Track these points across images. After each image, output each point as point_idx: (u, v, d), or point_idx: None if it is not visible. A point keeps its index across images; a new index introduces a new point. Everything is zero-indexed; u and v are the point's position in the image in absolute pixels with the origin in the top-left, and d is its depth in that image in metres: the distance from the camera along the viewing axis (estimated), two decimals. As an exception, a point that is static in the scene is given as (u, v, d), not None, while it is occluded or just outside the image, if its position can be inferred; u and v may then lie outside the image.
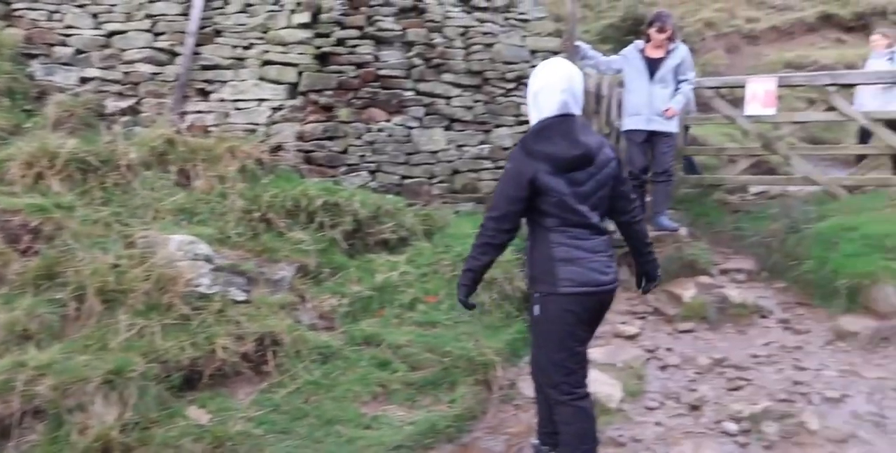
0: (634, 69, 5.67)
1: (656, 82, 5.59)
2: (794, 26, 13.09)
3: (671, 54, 5.61)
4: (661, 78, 5.59)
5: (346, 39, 5.20)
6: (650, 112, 5.59)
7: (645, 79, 5.61)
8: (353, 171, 5.16)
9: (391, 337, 4.12)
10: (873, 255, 4.90)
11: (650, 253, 3.02)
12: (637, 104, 5.66)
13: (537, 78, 2.82)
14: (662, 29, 5.54)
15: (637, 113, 5.67)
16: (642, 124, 5.64)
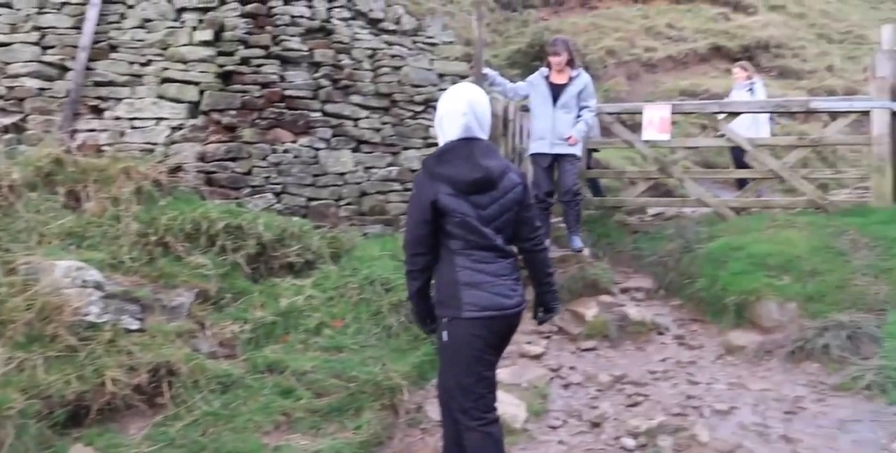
0: (540, 95, 5.83)
1: (559, 108, 5.75)
2: (689, 56, 13.92)
3: (573, 81, 5.78)
4: (563, 104, 5.75)
5: (251, 58, 5.12)
6: (553, 136, 5.73)
7: (549, 104, 5.77)
8: (257, 193, 5.05)
9: (296, 363, 4.02)
10: (757, 273, 5.23)
11: (549, 283, 3.04)
12: (542, 129, 5.82)
13: (443, 102, 2.87)
14: (556, 53, 5.72)
15: (542, 137, 5.84)
16: (546, 148, 5.81)
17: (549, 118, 5.76)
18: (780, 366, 4.46)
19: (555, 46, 5.78)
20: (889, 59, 6.35)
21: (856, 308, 4.80)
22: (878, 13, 17.91)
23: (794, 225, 5.86)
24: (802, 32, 15.59)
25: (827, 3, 18.05)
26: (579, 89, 5.78)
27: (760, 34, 14.50)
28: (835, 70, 13.84)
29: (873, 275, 5.03)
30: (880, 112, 6.26)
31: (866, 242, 5.42)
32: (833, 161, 10.54)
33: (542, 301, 3.05)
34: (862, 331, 4.41)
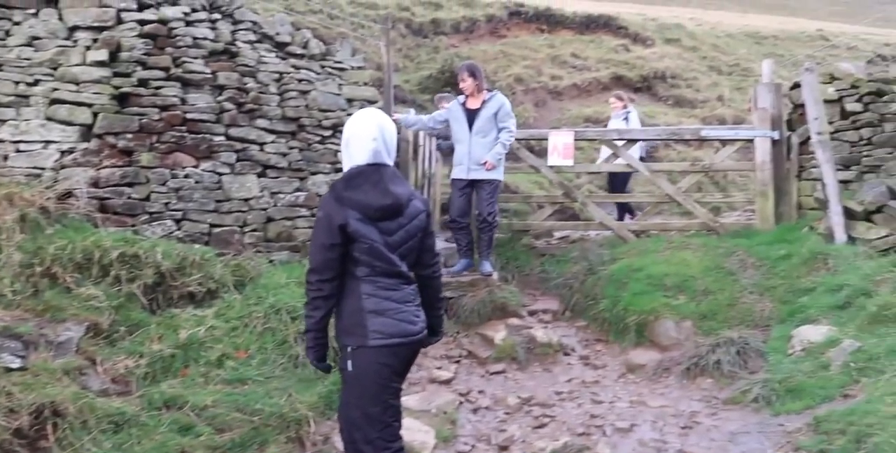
0: (457, 121, 5.83)
1: (475, 133, 5.73)
2: (592, 85, 14.57)
3: (486, 104, 5.74)
4: (479, 129, 5.72)
5: (150, 80, 4.94)
6: (470, 162, 5.71)
7: (466, 130, 5.76)
8: (155, 220, 4.85)
9: (195, 398, 3.84)
10: (656, 293, 5.47)
11: (440, 308, 3.09)
12: (460, 154, 5.82)
13: (351, 126, 2.84)
14: (463, 79, 5.75)
15: (460, 163, 5.81)
16: (463, 174, 5.77)
17: (467, 143, 5.76)
18: (677, 383, 4.66)
19: (462, 72, 5.80)
20: (769, 92, 6.88)
21: (744, 324, 5.11)
22: (762, 48, 19.42)
23: (688, 246, 6.19)
24: (695, 64, 16.67)
25: (717, 38, 19.41)
26: (494, 111, 5.73)
27: (657, 65, 15.39)
28: (725, 100, 14.85)
29: (759, 293, 5.38)
30: (762, 140, 6.75)
31: (753, 262, 5.79)
32: (724, 185, 11.23)
33: (430, 325, 3.02)
34: (750, 347, 4.69)
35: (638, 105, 14.37)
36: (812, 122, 6.16)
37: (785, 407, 3.94)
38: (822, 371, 4.12)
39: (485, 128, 5.73)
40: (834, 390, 3.88)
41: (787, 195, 6.73)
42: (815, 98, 6.20)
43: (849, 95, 6.57)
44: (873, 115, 6.46)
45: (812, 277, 5.30)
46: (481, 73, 5.85)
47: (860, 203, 5.59)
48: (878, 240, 5.29)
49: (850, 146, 6.54)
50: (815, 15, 33.06)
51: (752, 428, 3.85)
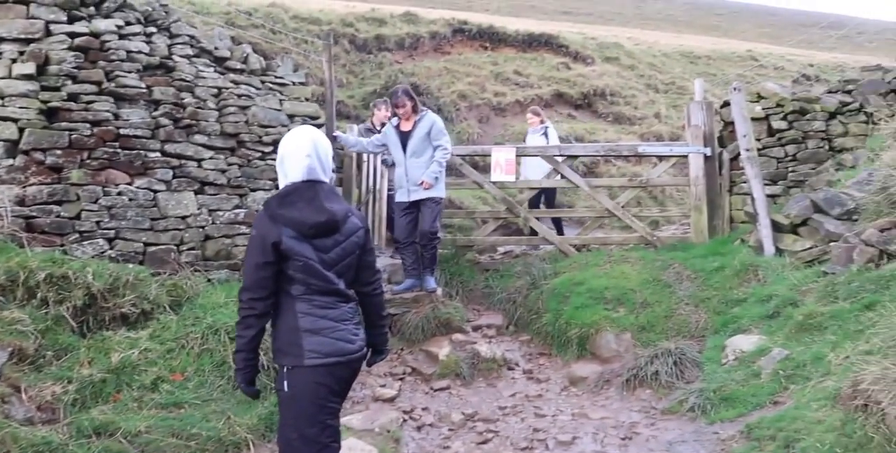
0: (392, 144, 5.88)
1: (410, 155, 5.77)
2: (534, 101, 14.79)
3: (417, 125, 5.78)
4: (413, 150, 5.76)
5: (81, 94, 4.80)
6: (409, 184, 5.77)
7: (401, 152, 5.81)
8: (86, 239, 4.69)
9: (128, 424, 3.72)
10: (597, 307, 5.58)
11: (383, 326, 3.08)
12: (399, 177, 5.87)
13: (284, 143, 2.81)
14: (400, 104, 5.73)
15: (400, 186, 5.87)
16: (405, 197, 5.81)
17: (403, 166, 5.80)
18: (617, 394, 4.75)
19: (396, 98, 5.77)
20: (701, 110, 7.14)
21: (681, 335, 5.25)
22: (696, 67, 20.16)
23: (627, 260, 6.33)
24: (633, 82, 17.17)
25: (654, 57, 20.06)
26: (426, 131, 5.77)
27: (597, 83, 15.79)
28: (661, 117, 15.33)
29: (694, 305, 5.54)
30: (696, 156, 6.99)
31: (688, 274, 5.97)
32: (662, 200, 11.56)
33: (373, 343, 3.02)
34: (686, 357, 4.82)
35: (579, 121, 14.75)
36: (741, 139, 6.42)
37: (719, 415, 4.05)
38: (753, 379, 4.26)
39: (419, 149, 5.77)
40: (764, 397, 4.01)
41: (720, 209, 6.98)
42: (744, 116, 6.47)
43: (775, 113, 6.89)
44: (797, 133, 6.80)
45: (744, 288, 5.49)
46: (412, 95, 5.87)
47: (787, 216, 5.83)
48: (804, 252, 5.53)
49: (776, 162, 6.85)
50: (745, 36, 34.66)
51: (689, 437, 3.94)
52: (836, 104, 6.82)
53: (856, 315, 4.15)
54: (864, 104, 6.77)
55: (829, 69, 20.42)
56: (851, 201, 5.36)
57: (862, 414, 3.17)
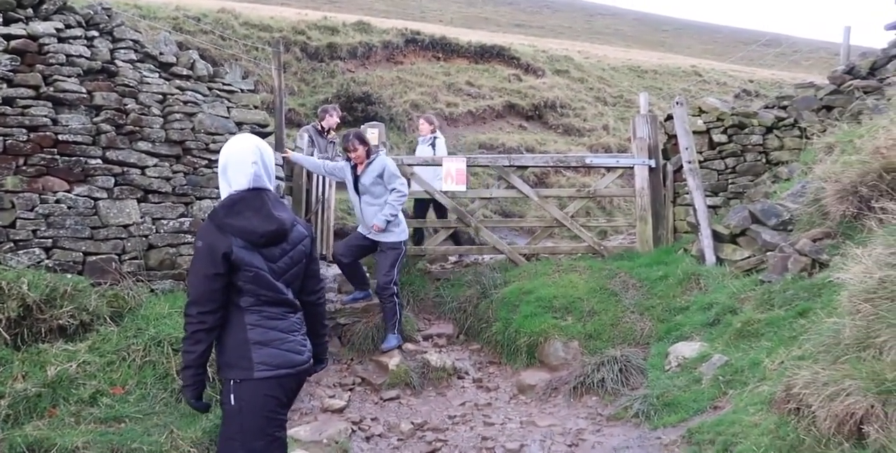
0: (348, 182, 5.72)
1: (363, 195, 5.62)
2: (486, 112, 15.01)
3: (368, 168, 5.56)
4: (364, 192, 5.60)
5: (17, 98, 4.65)
6: (362, 226, 5.70)
7: (354, 193, 5.68)
8: (21, 248, 4.52)
9: (64, 439, 3.59)
10: (545, 315, 5.65)
11: (324, 335, 3.05)
12: (357, 214, 5.81)
13: (228, 151, 2.73)
14: (346, 149, 5.58)
15: (360, 222, 5.79)
16: (364, 232, 5.69)
17: (358, 207, 5.71)
18: (565, 402, 4.81)
19: (347, 141, 5.57)
20: (646, 123, 7.34)
21: (626, 343, 5.36)
22: (643, 81, 20.72)
23: (576, 269, 6.44)
24: (583, 95, 17.54)
25: (602, 70, 20.53)
26: (376, 174, 5.53)
27: (548, 94, 16.09)
28: (610, 129, 15.69)
29: (640, 313, 5.67)
30: (641, 168, 7.18)
31: (634, 283, 6.10)
32: (610, 210, 11.81)
33: (316, 353, 2.96)
34: (631, 364, 4.92)
35: (529, 132, 14.98)
36: (683, 152, 6.62)
37: (662, 420, 4.15)
38: (695, 385, 4.37)
39: (372, 192, 5.58)
40: (705, 402, 4.13)
41: (664, 219, 7.17)
42: (686, 129, 6.68)
43: (715, 127, 7.15)
44: (737, 146, 7.06)
45: (686, 296, 5.65)
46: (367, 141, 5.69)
47: (727, 227, 6.04)
48: (743, 261, 5.72)
49: (717, 174, 7.09)
50: (690, 52, 35.83)
51: (633, 443, 4.02)
52: (772, 119, 7.12)
53: (790, 322, 4.32)
54: (798, 119, 7.09)
55: (768, 85, 21.27)
56: (787, 212, 5.59)
57: (795, 417, 3.30)
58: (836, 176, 4.81)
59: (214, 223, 2.64)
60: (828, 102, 7.10)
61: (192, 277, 2.65)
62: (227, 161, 2.72)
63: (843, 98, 7.03)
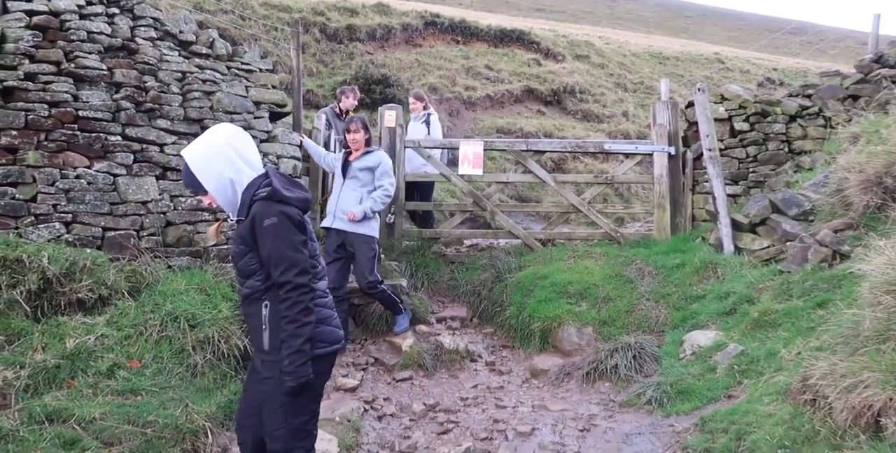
0: (337, 170, 5.52)
1: (348, 179, 5.37)
2: (505, 97, 14.87)
3: (364, 157, 5.37)
4: (352, 175, 5.36)
5: (38, 74, 4.66)
6: (337, 209, 5.31)
7: (340, 178, 5.45)
8: (42, 222, 4.56)
9: (82, 410, 3.64)
10: (560, 301, 5.64)
11: None
12: (330, 203, 5.44)
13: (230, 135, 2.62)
14: (349, 130, 5.38)
15: (329, 210, 5.43)
16: (329, 222, 5.33)
17: (337, 192, 5.40)
18: (577, 387, 4.81)
19: (351, 123, 5.41)
20: (666, 109, 7.25)
21: (641, 330, 5.34)
22: (664, 68, 20.44)
23: (591, 255, 6.42)
24: (603, 81, 17.33)
25: (623, 56, 20.27)
26: (369, 165, 5.34)
27: (567, 80, 15.90)
28: (629, 115, 15.51)
29: (655, 300, 5.64)
30: (660, 155, 7.10)
31: (650, 271, 6.07)
32: (628, 197, 11.72)
33: None
34: (645, 351, 4.90)
35: (548, 118, 14.84)
36: (704, 139, 6.54)
37: (675, 408, 4.14)
38: (709, 373, 4.36)
39: (359, 177, 5.36)
40: (719, 391, 4.11)
41: (683, 207, 7.10)
42: (707, 116, 6.59)
43: (737, 115, 7.04)
44: (758, 134, 6.95)
45: (703, 285, 5.61)
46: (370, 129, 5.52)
47: (746, 216, 5.97)
48: (762, 251, 5.67)
49: (738, 162, 7.00)
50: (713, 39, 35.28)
51: (645, 430, 4.02)
52: (796, 108, 6.99)
53: (808, 312, 4.28)
54: (823, 108, 6.95)
55: (793, 74, 20.90)
56: (808, 202, 5.51)
57: (810, 408, 3.27)
58: (861, 166, 4.73)
59: (276, 197, 2.57)
60: (854, 91, 6.96)
61: (285, 251, 2.53)
62: (237, 144, 2.62)
63: (869, 87, 6.89)
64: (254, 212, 2.56)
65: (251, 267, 2.61)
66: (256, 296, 2.64)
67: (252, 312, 2.67)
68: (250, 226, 2.56)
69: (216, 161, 2.57)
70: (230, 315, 4.52)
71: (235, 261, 2.68)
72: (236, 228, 2.66)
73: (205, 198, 2.67)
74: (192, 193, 2.65)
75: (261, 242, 2.55)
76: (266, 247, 2.54)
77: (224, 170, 2.57)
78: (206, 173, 2.57)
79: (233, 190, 2.60)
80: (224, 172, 2.57)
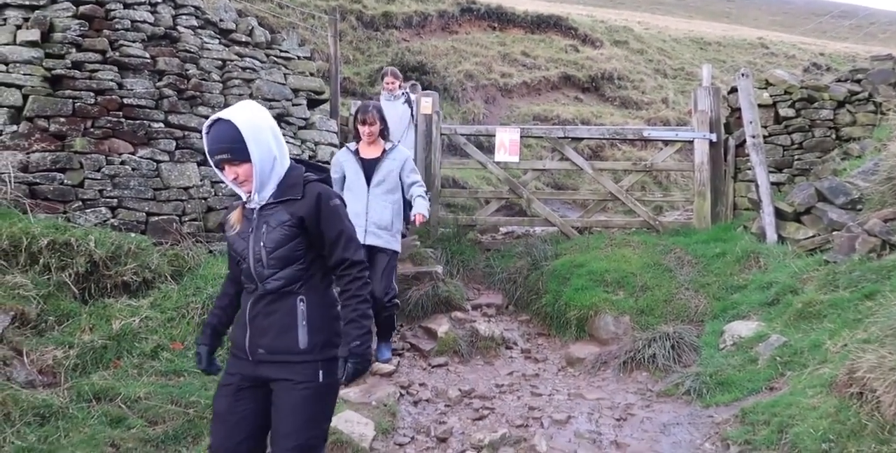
0: (352, 172, 4.66)
1: (375, 186, 4.61)
2: (541, 83, 14.72)
3: (388, 155, 4.66)
4: (379, 182, 4.62)
5: (85, 63, 4.77)
6: (369, 223, 4.57)
7: (363, 183, 4.62)
8: (89, 207, 4.68)
9: (128, 389, 3.75)
10: (596, 289, 5.58)
11: None
12: (354, 213, 4.34)
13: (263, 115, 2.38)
14: (364, 121, 4.58)
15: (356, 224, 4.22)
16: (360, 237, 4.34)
17: (363, 200, 4.58)
18: (614, 376, 4.77)
19: (366, 113, 4.59)
20: (708, 95, 7.09)
21: (679, 320, 5.26)
22: (706, 53, 19.97)
23: (629, 243, 6.33)
24: (642, 67, 17.02)
25: (663, 42, 19.87)
26: (399, 165, 4.69)
27: (605, 66, 15.66)
28: (669, 102, 15.22)
29: (694, 290, 5.54)
30: (701, 142, 6.95)
31: (689, 260, 5.97)
32: (667, 185, 11.53)
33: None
34: (684, 341, 4.83)
35: (585, 105, 14.65)
36: (747, 126, 6.38)
37: (715, 399, 4.07)
38: (750, 364, 4.28)
39: (388, 183, 4.64)
40: (760, 383, 4.03)
41: (724, 195, 6.96)
42: (751, 102, 6.42)
43: (782, 101, 6.84)
44: (804, 121, 6.75)
45: (744, 275, 5.50)
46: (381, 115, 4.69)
47: (790, 204, 5.82)
48: (806, 240, 5.52)
49: (782, 150, 6.82)
50: (757, 23, 34.32)
51: (684, 420, 3.97)
52: (844, 93, 6.77)
53: (855, 304, 4.16)
54: (873, 94, 6.72)
55: (840, 59, 20.23)
56: (856, 191, 5.35)
57: (857, 401, 3.19)
58: (914, 153, 4.57)
59: (329, 183, 2.48)
60: (907, 76, 6.70)
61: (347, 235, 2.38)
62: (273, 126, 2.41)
63: (924, 71, 6.63)
64: (316, 191, 2.36)
65: (297, 253, 2.34)
66: (290, 290, 2.34)
67: (278, 309, 2.35)
68: (314, 205, 2.33)
69: (265, 133, 2.33)
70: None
71: (272, 249, 2.33)
72: (274, 211, 2.34)
73: (236, 168, 2.30)
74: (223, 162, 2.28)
75: (328, 223, 2.35)
76: (336, 227, 2.35)
77: (272, 144, 2.35)
78: (257, 140, 2.29)
79: (272, 167, 2.34)
80: (273, 147, 2.35)
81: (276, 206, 2.35)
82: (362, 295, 2.36)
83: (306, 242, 2.35)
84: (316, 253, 2.39)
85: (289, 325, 2.34)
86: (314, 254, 2.38)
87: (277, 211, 2.35)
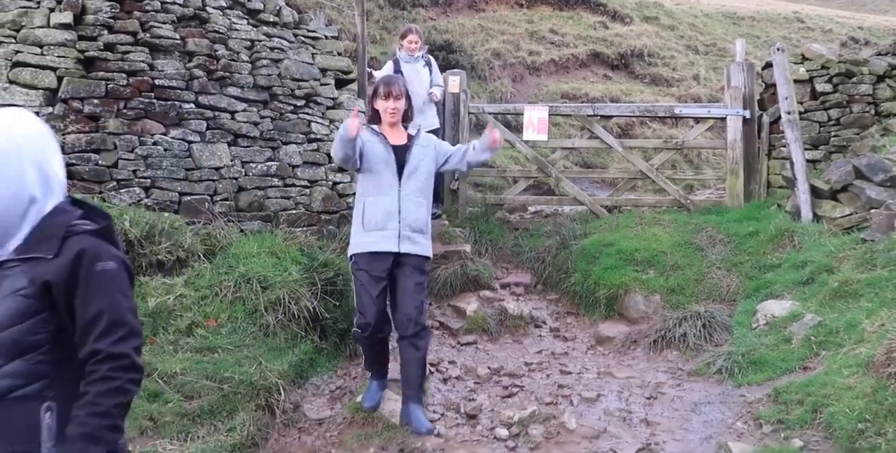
0: (378, 158, 3.67)
1: (407, 178, 3.67)
2: (570, 61, 14.50)
3: (415, 141, 3.77)
4: (410, 173, 3.68)
5: (117, 44, 4.81)
6: (402, 225, 3.63)
7: (394, 175, 3.66)
8: (123, 187, 4.76)
9: (164, 365, 3.84)
10: (626, 268, 5.54)
11: None
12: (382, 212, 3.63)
13: (46, 135, 1.73)
14: (389, 94, 3.68)
15: (381, 227, 3.61)
16: (390, 244, 3.58)
17: (395, 195, 3.64)
18: (644, 355, 4.75)
19: (391, 86, 3.72)
20: (742, 71, 6.92)
21: (711, 299, 5.21)
22: (739, 29, 19.46)
23: (659, 222, 6.26)
24: (673, 43, 16.65)
25: (694, 17, 19.40)
26: (431, 154, 3.80)
27: (635, 43, 15.36)
28: (700, 79, 14.88)
29: (726, 269, 5.48)
30: (734, 119, 6.81)
31: (721, 238, 5.88)
32: (698, 163, 11.34)
33: None
34: (715, 320, 4.79)
35: (615, 82, 14.42)
36: (782, 102, 6.22)
37: (747, 378, 4.04)
38: (783, 344, 4.23)
39: (420, 175, 3.72)
40: (794, 362, 3.99)
41: (757, 173, 6.82)
42: (786, 78, 6.26)
43: (819, 76, 6.65)
44: (842, 96, 6.56)
45: (778, 254, 5.41)
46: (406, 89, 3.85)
47: (827, 182, 5.69)
48: (843, 219, 5.40)
49: (818, 126, 6.64)
50: (792, -3, 33.22)
51: (715, 399, 3.95)
52: (884, 67, 6.56)
53: (894, 283, 4.08)
54: (916, 67, 6.50)
55: (880, 32, 19.57)
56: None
57: (895, 381, 3.14)
58: (959, 127, 4.41)
59: (109, 238, 1.81)
60: (952, 48, 6.47)
61: (126, 313, 1.74)
62: (36, 151, 1.68)
63: (970, 43, 6.38)
64: (77, 248, 1.61)
65: (35, 338, 1.59)
66: (27, 393, 1.58)
67: (5, 425, 1.56)
68: (68, 268, 1.59)
69: (16, 163, 1.61)
70: (300, 278, 4.65)
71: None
72: (11, 274, 1.60)
73: None
74: None
75: (85, 296, 1.60)
76: (95, 305, 1.60)
77: (29, 179, 1.63)
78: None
79: (24, 212, 1.63)
80: (28, 182, 1.62)
81: (16, 266, 1.61)
82: (115, 401, 1.60)
83: (54, 322, 1.61)
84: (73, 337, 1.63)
85: (23, 449, 1.55)
86: (69, 340, 1.63)
87: (15, 273, 1.60)
